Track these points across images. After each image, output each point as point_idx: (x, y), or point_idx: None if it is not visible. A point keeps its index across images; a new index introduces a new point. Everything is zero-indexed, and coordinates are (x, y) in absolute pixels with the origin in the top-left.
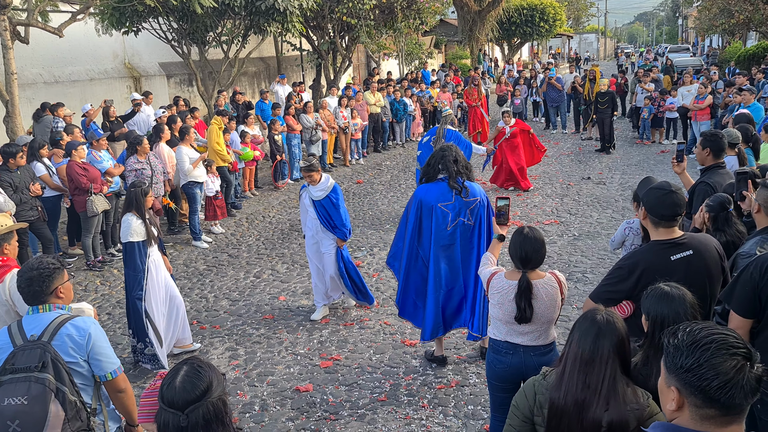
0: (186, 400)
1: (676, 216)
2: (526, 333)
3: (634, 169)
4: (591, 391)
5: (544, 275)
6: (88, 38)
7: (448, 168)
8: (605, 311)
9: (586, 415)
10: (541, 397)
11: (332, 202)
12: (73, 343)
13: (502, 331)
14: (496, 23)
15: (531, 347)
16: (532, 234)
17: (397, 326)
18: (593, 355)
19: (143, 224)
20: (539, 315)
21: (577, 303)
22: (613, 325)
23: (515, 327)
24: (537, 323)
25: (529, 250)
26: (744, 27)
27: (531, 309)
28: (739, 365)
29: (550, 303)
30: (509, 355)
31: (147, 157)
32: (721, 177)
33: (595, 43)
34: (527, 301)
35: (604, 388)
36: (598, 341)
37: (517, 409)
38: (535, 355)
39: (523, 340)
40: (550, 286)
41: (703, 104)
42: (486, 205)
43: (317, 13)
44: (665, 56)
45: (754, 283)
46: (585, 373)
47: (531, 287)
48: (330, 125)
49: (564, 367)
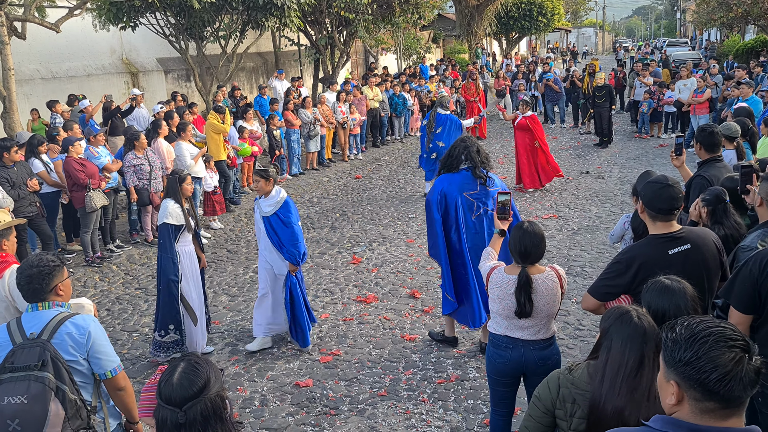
0: (183, 397)
1: (674, 210)
2: (526, 327)
3: (632, 163)
4: (636, 399)
5: (544, 270)
6: (85, 34)
7: (472, 158)
8: (638, 312)
9: (625, 417)
10: (564, 391)
11: (281, 219)
12: (72, 342)
13: (502, 325)
14: (494, 17)
15: (531, 341)
16: (531, 228)
17: (397, 321)
18: (642, 361)
19: (181, 209)
20: (539, 309)
21: (576, 297)
22: (653, 325)
23: (515, 321)
24: (537, 318)
25: (529, 245)
26: (742, 20)
27: (531, 304)
28: (738, 357)
29: (550, 297)
30: (509, 349)
31: (145, 153)
32: (717, 170)
33: (593, 37)
34: (527, 296)
35: (645, 391)
36: (647, 345)
37: (539, 401)
38: (535, 350)
39: (523, 334)
40: (550, 281)
41: (702, 98)
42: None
43: (315, 8)
44: (663, 50)
45: (754, 279)
46: (630, 382)
47: (531, 282)
48: (328, 120)
49: (604, 371)
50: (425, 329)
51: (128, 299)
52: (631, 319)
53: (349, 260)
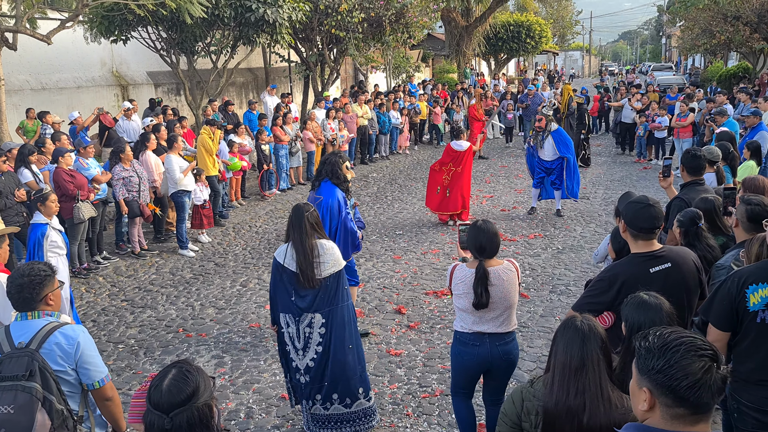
0: (171, 403)
1: (655, 229)
2: (490, 320)
3: (617, 184)
4: (583, 397)
5: (501, 262)
6: (76, 46)
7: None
8: (583, 317)
9: (580, 421)
10: (528, 404)
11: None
12: (61, 352)
13: (468, 321)
14: (483, 38)
15: (496, 336)
16: (485, 226)
17: (383, 336)
18: (584, 360)
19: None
20: (498, 300)
21: (560, 315)
22: (595, 329)
23: (479, 315)
24: (498, 309)
25: (484, 240)
26: (725, 47)
27: (487, 294)
28: (707, 366)
29: (509, 287)
30: (476, 346)
31: (132, 165)
32: (697, 193)
33: (580, 60)
34: (484, 287)
35: (595, 392)
36: (586, 347)
37: (505, 416)
38: (500, 345)
39: (489, 327)
40: (508, 272)
41: (686, 122)
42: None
43: (306, 25)
44: (649, 74)
45: (731, 298)
46: (576, 380)
47: (488, 274)
48: (317, 137)
49: (553, 375)
50: (411, 344)
51: (114, 311)
52: (574, 323)
53: None
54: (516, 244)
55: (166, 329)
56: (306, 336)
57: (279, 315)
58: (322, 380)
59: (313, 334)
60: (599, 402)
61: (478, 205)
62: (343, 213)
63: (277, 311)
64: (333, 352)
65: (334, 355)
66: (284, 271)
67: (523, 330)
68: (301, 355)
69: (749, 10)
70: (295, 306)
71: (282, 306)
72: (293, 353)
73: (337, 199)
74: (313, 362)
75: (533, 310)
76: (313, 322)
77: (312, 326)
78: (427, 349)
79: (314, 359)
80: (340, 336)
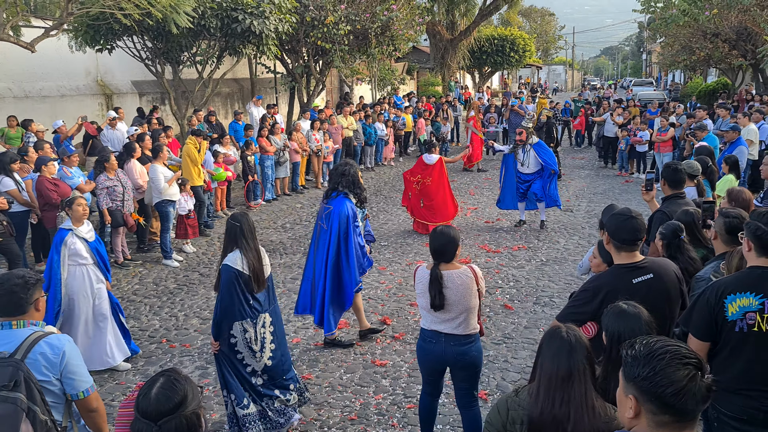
0: (159, 412)
1: (637, 240)
2: (446, 321)
3: (600, 197)
4: (569, 406)
5: (459, 267)
6: (60, 54)
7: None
8: (567, 328)
9: (564, 430)
10: (513, 413)
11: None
12: (46, 362)
13: (427, 320)
14: (468, 52)
15: (452, 336)
16: (441, 231)
17: (368, 346)
18: (571, 370)
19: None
20: (454, 302)
21: (543, 327)
22: (581, 339)
23: (436, 315)
24: (454, 311)
25: (437, 245)
26: (704, 63)
27: (441, 296)
28: (691, 374)
29: (464, 291)
30: (432, 343)
31: (116, 174)
32: (678, 206)
33: (563, 75)
34: (437, 289)
35: (581, 402)
36: (573, 357)
37: (491, 425)
38: (455, 345)
39: (445, 328)
40: (464, 276)
41: (666, 136)
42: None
43: (292, 36)
44: (629, 89)
45: (710, 308)
46: (563, 390)
47: (441, 277)
48: (303, 147)
49: (539, 385)
50: (396, 355)
51: None
52: (560, 334)
53: None
54: (500, 256)
55: (150, 339)
56: (262, 337)
57: (233, 325)
58: (281, 374)
59: (267, 334)
60: (584, 411)
61: (463, 217)
62: (351, 226)
63: (231, 321)
64: (283, 346)
65: (284, 348)
66: (241, 276)
67: (507, 341)
68: (258, 357)
69: (728, 28)
70: (253, 309)
71: (239, 314)
72: (249, 358)
73: (347, 212)
74: (271, 360)
75: (517, 321)
76: (265, 322)
77: (265, 326)
78: (412, 360)
79: (271, 357)
80: (281, 330)
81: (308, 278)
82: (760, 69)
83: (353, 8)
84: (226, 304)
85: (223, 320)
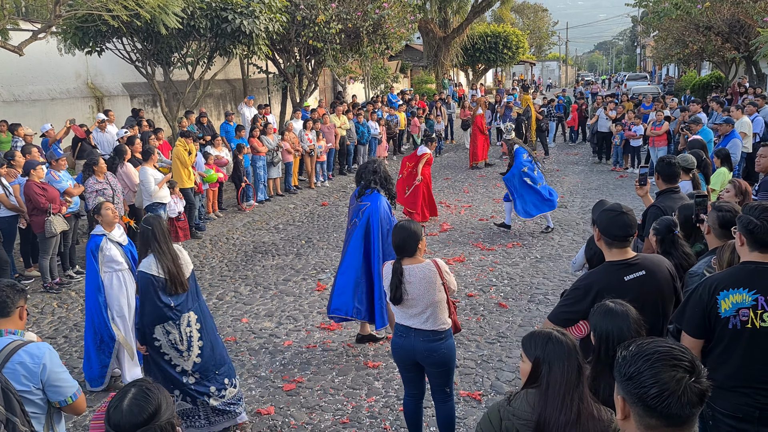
0: (133, 424)
1: (628, 236)
2: (413, 316)
3: (594, 193)
4: (578, 412)
5: (422, 261)
6: (49, 57)
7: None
8: (558, 331)
9: None
10: (507, 423)
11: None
12: (26, 371)
13: (398, 315)
14: (461, 49)
15: (421, 332)
16: (402, 225)
17: (360, 348)
18: (580, 377)
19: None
20: (416, 296)
21: (538, 325)
22: (575, 343)
23: (403, 309)
24: (418, 306)
25: (398, 240)
26: (698, 57)
27: (401, 290)
28: (679, 376)
29: (427, 285)
30: (402, 338)
31: (105, 177)
32: (672, 201)
33: (556, 71)
34: (397, 282)
35: (586, 407)
36: (575, 362)
37: None
38: (424, 341)
39: (413, 323)
40: (426, 270)
41: (660, 130)
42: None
43: (283, 36)
44: (623, 84)
45: (703, 305)
46: (572, 398)
47: (402, 271)
48: (295, 147)
49: (547, 396)
50: (388, 357)
51: None
52: (559, 339)
53: (313, 287)
54: (494, 254)
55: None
56: (188, 336)
57: (154, 329)
58: (213, 369)
59: (193, 332)
60: (588, 416)
61: (457, 215)
62: (393, 219)
63: (153, 326)
64: (212, 342)
65: (214, 344)
66: (157, 280)
67: (501, 340)
68: (186, 356)
69: (720, 21)
70: (173, 311)
71: (158, 318)
72: (177, 359)
73: (385, 207)
74: (200, 357)
75: (512, 319)
76: (190, 321)
77: (190, 325)
78: None
79: (200, 354)
80: (211, 326)
81: (348, 276)
82: (753, 61)
83: (344, 7)
84: (145, 309)
85: (145, 325)
